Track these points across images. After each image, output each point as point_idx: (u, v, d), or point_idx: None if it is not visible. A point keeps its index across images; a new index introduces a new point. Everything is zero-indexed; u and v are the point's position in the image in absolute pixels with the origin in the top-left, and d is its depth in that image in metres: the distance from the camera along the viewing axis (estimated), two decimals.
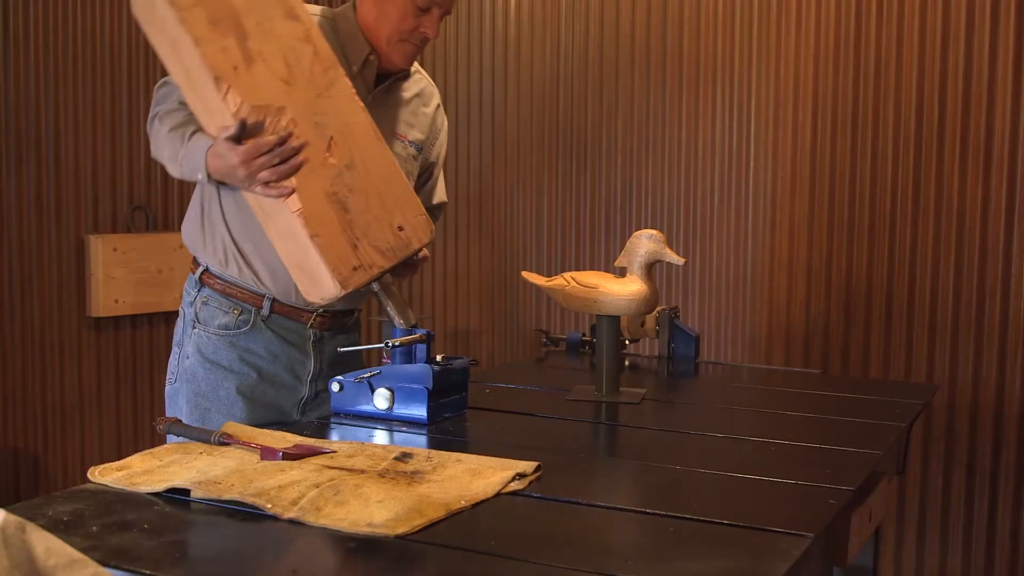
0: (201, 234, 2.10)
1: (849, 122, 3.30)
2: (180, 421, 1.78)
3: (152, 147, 2.03)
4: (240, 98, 1.81)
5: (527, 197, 3.91)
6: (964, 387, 3.16)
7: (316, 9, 2.12)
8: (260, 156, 1.83)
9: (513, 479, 1.54)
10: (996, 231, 3.09)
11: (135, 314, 3.83)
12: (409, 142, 2.21)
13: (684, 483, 1.60)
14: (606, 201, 3.74)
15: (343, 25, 2.12)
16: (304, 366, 2.14)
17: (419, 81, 2.28)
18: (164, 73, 2.01)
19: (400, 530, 1.31)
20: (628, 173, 3.69)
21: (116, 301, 3.75)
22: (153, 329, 3.93)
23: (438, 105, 2.32)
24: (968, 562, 3.18)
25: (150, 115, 2.03)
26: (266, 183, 1.86)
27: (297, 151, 1.86)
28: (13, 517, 1.00)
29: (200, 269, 2.10)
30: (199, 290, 2.10)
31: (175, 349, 2.15)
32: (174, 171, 1.98)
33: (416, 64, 2.23)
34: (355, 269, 1.91)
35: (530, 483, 1.55)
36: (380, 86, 2.16)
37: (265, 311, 2.08)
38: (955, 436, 3.19)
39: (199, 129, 1.93)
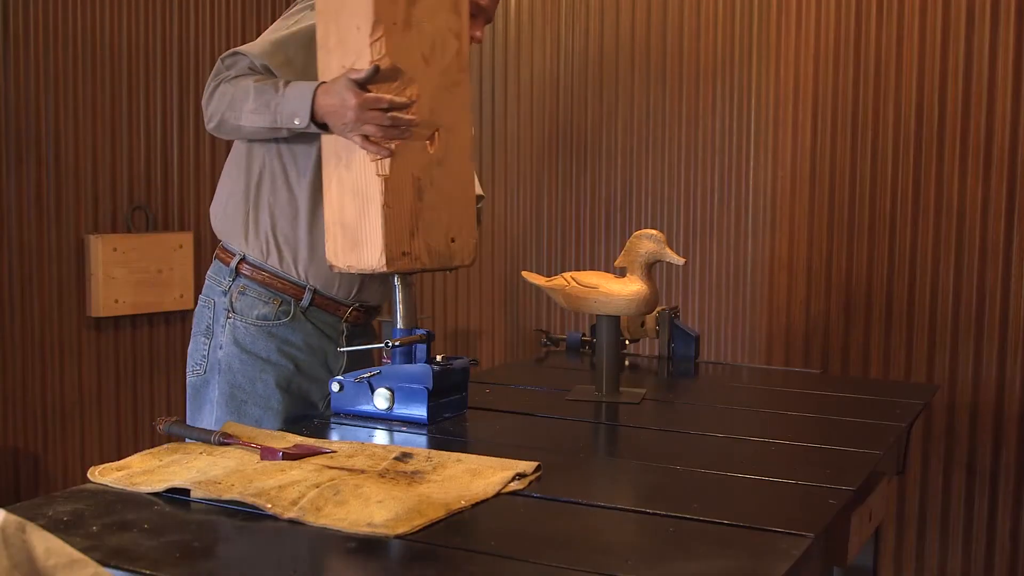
0: (243, 224, 2.07)
1: (849, 122, 3.30)
2: (180, 421, 1.78)
3: (216, 106, 1.99)
4: (386, 49, 1.84)
5: (527, 197, 3.91)
6: (964, 387, 3.16)
7: None
8: (376, 109, 1.83)
9: (513, 479, 1.54)
10: (996, 231, 3.09)
11: (135, 314, 3.83)
12: None
13: (684, 483, 1.60)
14: (606, 201, 3.74)
15: None
16: (337, 360, 2.14)
17: None
18: (163, 74, 2.02)
19: (400, 530, 1.31)
20: (628, 173, 3.69)
21: (116, 301, 3.75)
22: (153, 329, 3.93)
23: None
24: (968, 562, 3.18)
25: (212, 82, 2.02)
26: (368, 137, 1.86)
27: (410, 123, 1.87)
28: (13, 517, 1.00)
29: (236, 259, 2.07)
30: (234, 279, 2.07)
31: (199, 339, 2.11)
32: (257, 120, 1.95)
33: None
34: (404, 254, 1.91)
35: (530, 483, 1.55)
36: None
37: (305, 303, 2.07)
38: (955, 436, 3.19)
39: (290, 81, 1.94)
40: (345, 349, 2.14)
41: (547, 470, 1.61)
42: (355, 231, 1.91)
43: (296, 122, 1.91)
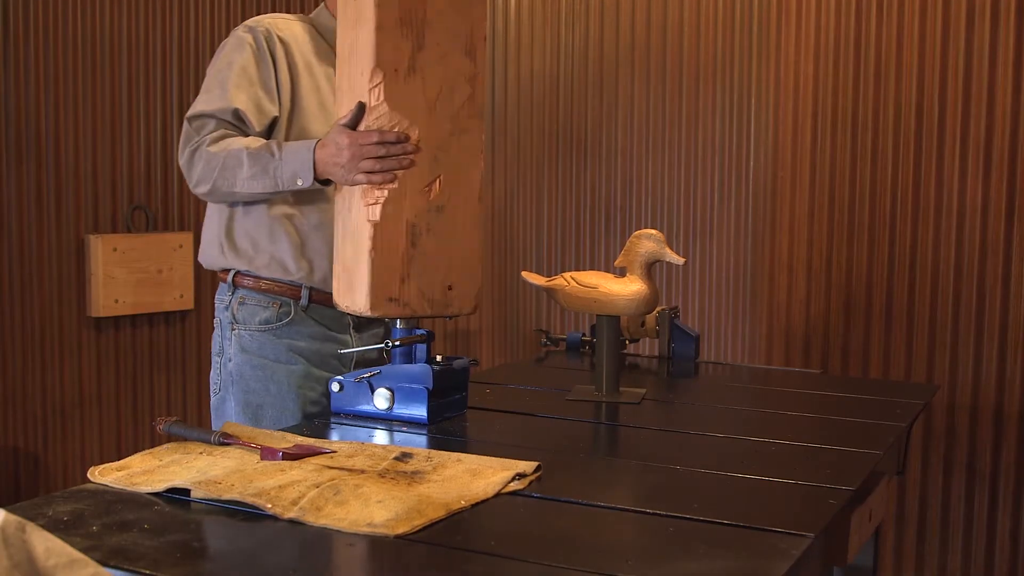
0: (221, 248, 2.13)
1: (849, 122, 3.30)
2: (180, 421, 1.78)
3: (202, 172, 2.03)
4: (384, 96, 1.87)
5: (527, 197, 3.91)
6: (964, 387, 3.16)
7: (294, 17, 2.19)
8: (369, 144, 1.87)
9: (513, 479, 1.54)
10: (996, 231, 3.09)
11: (135, 314, 3.83)
12: None
13: (684, 483, 1.60)
14: (606, 201, 3.74)
15: (323, 21, 2.19)
16: (348, 354, 2.17)
17: None
18: (163, 74, 2.03)
19: (400, 530, 1.31)
20: (628, 173, 3.69)
21: (116, 301, 3.75)
22: (153, 329, 3.93)
23: None
24: (968, 562, 3.18)
25: (187, 147, 2.06)
26: (369, 172, 1.89)
27: (406, 152, 1.90)
28: (13, 517, 1.00)
29: (231, 274, 2.13)
30: (233, 293, 2.12)
31: (215, 360, 2.17)
32: (256, 186, 2.00)
33: None
34: (390, 300, 1.94)
35: (530, 483, 1.55)
36: None
37: (304, 301, 2.11)
38: (955, 436, 3.19)
39: (282, 143, 2.01)
40: (345, 351, 2.15)
41: (547, 470, 1.61)
42: (351, 273, 1.94)
43: (299, 183, 1.97)
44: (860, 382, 2.97)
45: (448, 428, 1.93)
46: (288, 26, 2.15)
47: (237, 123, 2.06)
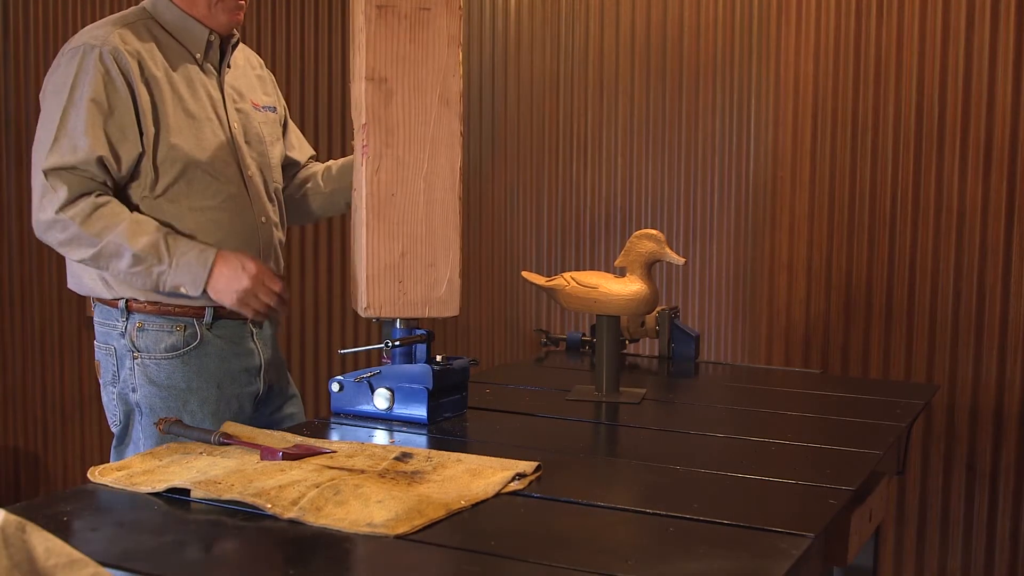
0: (103, 278, 2.02)
1: (849, 122, 3.30)
2: (180, 421, 1.78)
3: (65, 240, 1.91)
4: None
5: (527, 197, 3.91)
6: (964, 387, 3.16)
7: (132, 17, 2.04)
8: (270, 289, 1.94)
9: (513, 479, 1.54)
10: (996, 231, 3.09)
11: None
12: (265, 107, 2.23)
13: (684, 483, 1.60)
14: (606, 201, 3.74)
15: (167, 16, 2.05)
16: (253, 361, 2.13)
17: (241, 48, 2.24)
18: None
19: (400, 530, 1.31)
20: (628, 173, 3.69)
21: None
22: None
23: (262, 63, 2.32)
24: (968, 562, 3.18)
25: (48, 209, 1.90)
26: (250, 306, 1.96)
27: (283, 303, 2.00)
28: (13, 517, 1.00)
29: (122, 300, 2.01)
30: (128, 318, 2.01)
31: (108, 390, 2.05)
32: (134, 280, 1.94)
33: None
34: (367, 308, 2.00)
35: (530, 483, 1.55)
36: (223, 62, 2.13)
37: (208, 318, 2.04)
38: (955, 436, 3.19)
39: (167, 232, 1.94)
40: (345, 351, 2.15)
41: (547, 470, 1.61)
42: (357, 280, 2.02)
43: (183, 291, 1.94)
44: (860, 382, 2.97)
45: (448, 428, 1.93)
46: (133, 37, 1.99)
47: (101, 172, 1.93)
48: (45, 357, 3.62)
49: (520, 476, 1.56)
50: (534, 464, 1.60)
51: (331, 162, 2.38)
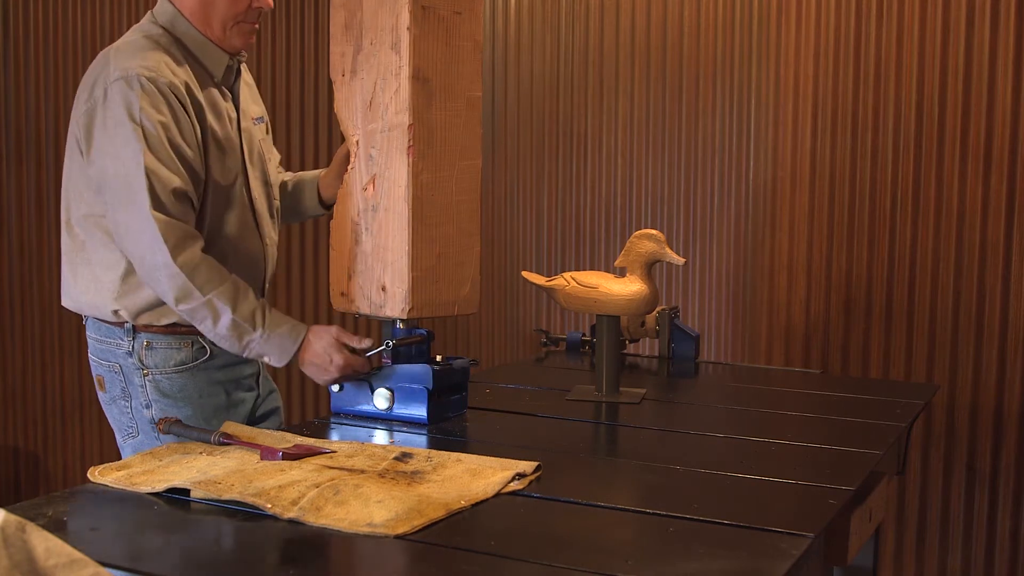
0: (115, 296, 1.98)
1: (849, 122, 3.30)
2: (180, 421, 1.78)
3: (174, 291, 1.87)
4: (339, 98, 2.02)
5: (527, 197, 3.91)
6: (964, 387, 3.16)
7: (155, 34, 1.97)
8: (355, 370, 1.96)
9: (513, 479, 1.54)
10: (996, 231, 3.09)
11: None
12: (257, 119, 2.17)
13: (684, 483, 1.60)
14: (606, 201, 3.74)
15: (188, 37, 1.99)
16: (254, 367, 2.13)
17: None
18: None
19: (400, 530, 1.31)
20: (628, 173, 3.69)
21: None
22: None
23: (246, 67, 2.20)
24: (968, 562, 3.18)
25: (160, 246, 1.85)
26: (331, 382, 2.00)
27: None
28: (13, 517, 1.00)
29: (128, 320, 1.99)
30: (134, 337, 1.99)
31: (120, 403, 2.04)
32: (220, 341, 1.93)
33: None
34: (342, 295, 2.04)
35: (530, 483, 1.55)
36: (236, 82, 2.09)
37: None
38: (955, 436, 3.19)
39: (263, 301, 1.95)
40: (371, 352, 2.13)
41: (547, 470, 1.61)
42: (375, 277, 2.04)
43: (266, 360, 1.96)
44: (860, 382, 2.97)
45: (448, 428, 1.93)
46: (174, 64, 1.94)
47: (191, 208, 1.93)
48: (45, 358, 3.63)
49: (520, 476, 1.56)
50: (534, 464, 1.60)
51: (287, 175, 2.32)
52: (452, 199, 1.98)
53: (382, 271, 1.97)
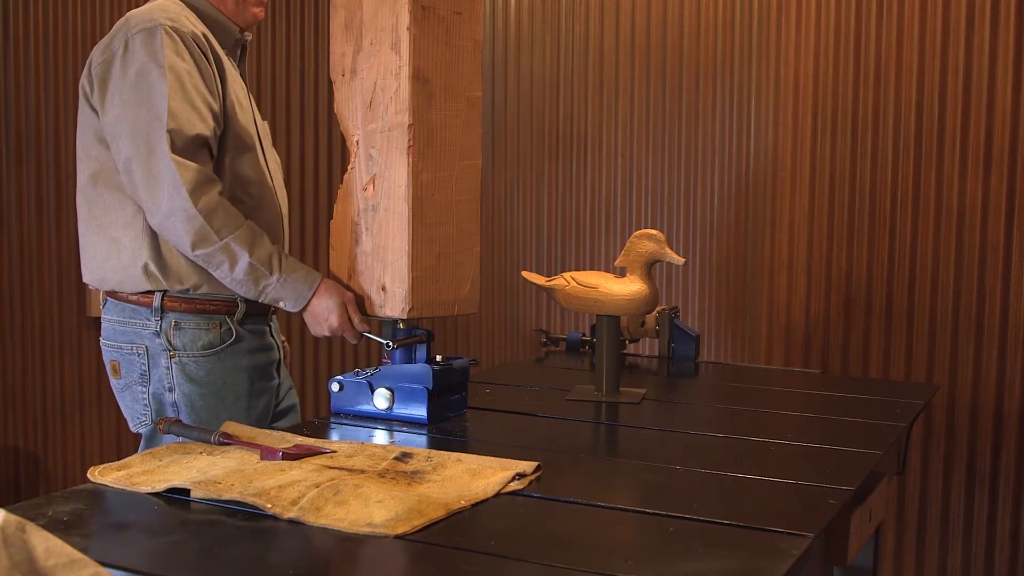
0: (146, 270, 1.98)
1: (849, 122, 3.30)
2: (180, 421, 1.78)
3: (192, 235, 1.88)
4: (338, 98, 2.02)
5: (527, 197, 3.91)
6: (964, 387, 3.16)
7: (169, 5, 1.99)
8: (352, 329, 2.01)
9: (513, 479, 1.54)
10: (996, 231, 3.09)
11: None
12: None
13: (684, 483, 1.60)
14: (606, 201, 3.74)
15: (202, 8, 2.05)
16: (274, 356, 2.16)
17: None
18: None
19: (400, 530, 1.31)
20: (628, 173, 3.69)
21: None
22: None
23: None
24: (968, 562, 3.18)
25: (176, 188, 1.86)
26: (325, 335, 2.03)
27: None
28: (13, 517, 1.00)
29: (158, 297, 1.99)
30: (162, 316, 1.99)
31: (135, 389, 2.03)
32: (236, 287, 1.96)
33: None
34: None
35: (530, 483, 1.55)
36: (242, 59, 2.15)
37: (239, 314, 2.05)
38: (955, 436, 3.19)
39: (279, 246, 2.01)
40: (365, 336, 2.15)
41: (547, 470, 1.61)
42: (376, 279, 2.05)
43: (281, 305, 2.00)
44: (860, 382, 2.97)
45: (448, 428, 1.93)
46: (189, 21, 1.98)
47: (208, 152, 1.96)
48: (45, 358, 3.63)
49: (520, 476, 1.56)
50: (534, 464, 1.60)
51: None
52: (452, 199, 1.98)
53: (382, 271, 1.97)
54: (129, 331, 2.03)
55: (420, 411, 1.94)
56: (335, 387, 2.01)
